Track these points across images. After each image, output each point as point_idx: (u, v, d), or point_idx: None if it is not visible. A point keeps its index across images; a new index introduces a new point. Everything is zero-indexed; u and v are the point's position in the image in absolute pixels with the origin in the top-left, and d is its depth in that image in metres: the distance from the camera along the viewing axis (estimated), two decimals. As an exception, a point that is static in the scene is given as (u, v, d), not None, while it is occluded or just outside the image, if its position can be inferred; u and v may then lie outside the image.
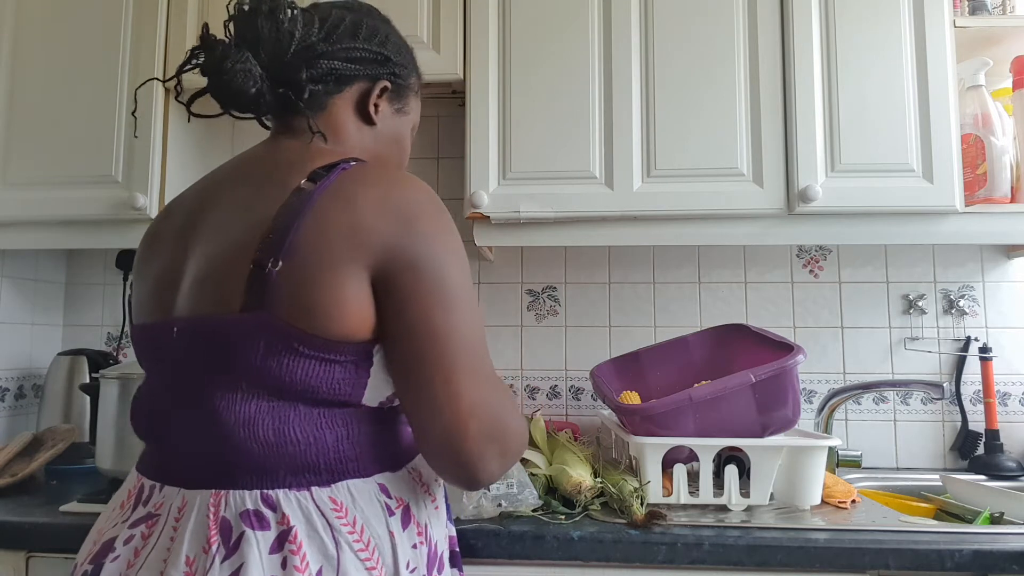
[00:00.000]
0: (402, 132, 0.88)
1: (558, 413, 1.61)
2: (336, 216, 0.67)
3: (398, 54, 0.84)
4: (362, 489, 0.69)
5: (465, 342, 0.68)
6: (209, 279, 0.69)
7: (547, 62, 1.34)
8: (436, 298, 0.68)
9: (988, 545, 0.94)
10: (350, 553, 0.65)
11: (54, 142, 1.36)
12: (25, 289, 1.59)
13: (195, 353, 0.69)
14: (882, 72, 1.28)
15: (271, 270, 0.65)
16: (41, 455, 1.28)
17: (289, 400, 0.67)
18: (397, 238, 0.67)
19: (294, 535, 0.63)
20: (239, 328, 0.66)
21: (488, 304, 1.65)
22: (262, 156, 0.78)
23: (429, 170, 1.69)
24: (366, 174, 0.71)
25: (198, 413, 0.68)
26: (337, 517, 0.66)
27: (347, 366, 0.67)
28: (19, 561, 1.03)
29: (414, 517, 0.73)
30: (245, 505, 0.64)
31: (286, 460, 0.66)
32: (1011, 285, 1.56)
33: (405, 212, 0.68)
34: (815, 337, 1.57)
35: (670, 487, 1.11)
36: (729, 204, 1.28)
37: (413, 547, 0.71)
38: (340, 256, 0.65)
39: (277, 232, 0.66)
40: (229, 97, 0.75)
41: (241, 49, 0.73)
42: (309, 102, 0.77)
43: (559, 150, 1.32)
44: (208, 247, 0.71)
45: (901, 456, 1.54)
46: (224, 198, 0.75)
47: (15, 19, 1.41)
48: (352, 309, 0.66)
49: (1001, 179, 1.34)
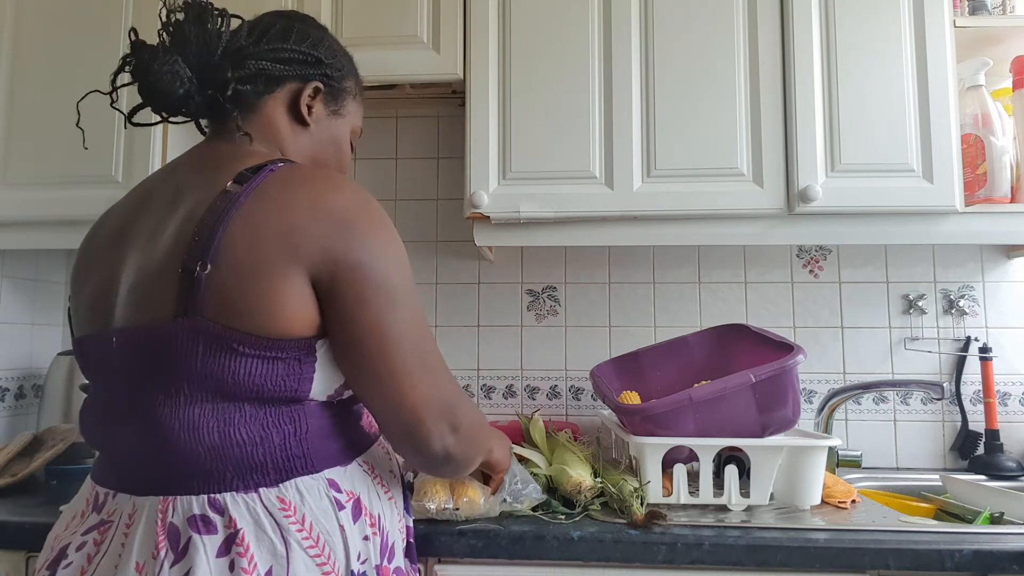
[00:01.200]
0: (339, 134, 0.89)
1: (558, 413, 1.61)
2: (265, 218, 0.67)
3: (331, 57, 0.86)
4: (311, 486, 0.70)
5: (412, 338, 0.72)
6: (142, 287, 0.70)
7: (547, 62, 1.34)
8: (383, 300, 0.70)
9: (988, 545, 0.94)
10: (300, 551, 0.66)
11: (54, 142, 1.36)
12: (25, 289, 1.59)
13: (135, 362, 0.70)
14: (882, 72, 1.28)
15: (200, 274, 0.65)
16: (41, 455, 1.28)
17: (234, 401, 0.68)
18: (335, 242, 0.68)
19: (241, 537, 0.64)
20: (175, 334, 0.66)
21: (488, 304, 1.65)
22: (192, 160, 0.80)
23: (429, 170, 1.69)
24: (295, 176, 0.72)
25: (142, 421, 0.68)
26: (285, 516, 0.67)
27: (290, 362, 0.68)
28: (19, 561, 1.03)
29: (365, 509, 0.74)
30: (192, 510, 0.65)
31: (232, 462, 0.67)
32: (1011, 285, 1.56)
33: (340, 216, 0.69)
34: (815, 337, 1.57)
35: (670, 487, 1.11)
36: (729, 204, 1.28)
37: (364, 539, 0.73)
38: (273, 258, 0.66)
39: (203, 236, 0.67)
40: (157, 99, 0.76)
41: (169, 52, 0.75)
42: (235, 102, 0.78)
43: (559, 150, 1.32)
44: (140, 255, 0.72)
45: (901, 456, 1.54)
46: (154, 205, 0.76)
47: (15, 19, 1.41)
48: (291, 308, 0.67)
49: (1001, 179, 1.34)
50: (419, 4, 1.36)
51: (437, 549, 0.98)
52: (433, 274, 1.66)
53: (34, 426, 1.56)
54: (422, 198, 1.68)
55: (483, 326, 1.64)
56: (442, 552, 0.98)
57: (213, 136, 0.82)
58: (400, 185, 1.69)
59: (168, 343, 0.67)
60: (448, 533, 0.98)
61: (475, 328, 1.64)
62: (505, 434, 1.02)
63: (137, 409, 0.69)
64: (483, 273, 1.66)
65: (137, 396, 0.70)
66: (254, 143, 0.80)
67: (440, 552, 0.98)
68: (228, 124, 0.79)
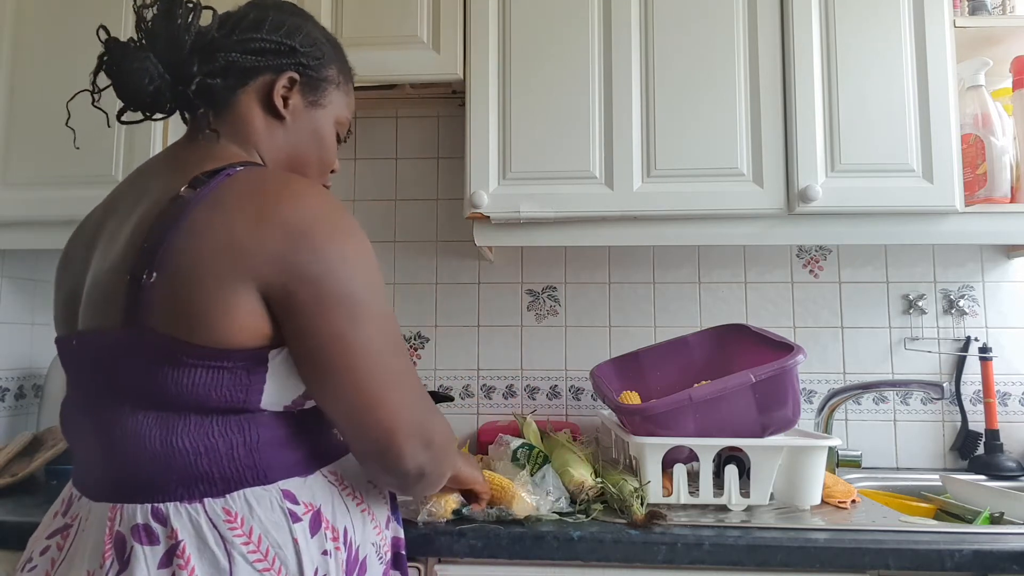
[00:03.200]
0: (320, 126, 0.84)
1: (558, 413, 1.61)
2: (212, 229, 0.65)
3: (308, 45, 0.81)
4: (262, 497, 0.67)
5: (378, 351, 0.68)
6: (98, 292, 0.69)
7: (547, 62, 1.34)
8: (342, 312, 0.66)
9: (988, 545, 0.94)
10: (245, 565, 0.63)
11: (54, 142, 1.36)
12: (25, 289, 1.59)
13: (88, 367, 0.70)
14: (882, 72, 1.28)
15: (145, 282, 0.64)
16: (41, 455, 1.28)
17: (178, 410, 0.66)
18: (287, 254, 0.65)
19: (182, 549, 0.62)
20: (120, 342, 0.66)
21: (488, 304, 1.65)
22: (162, 160, 0.78)
23: (429, 170, 1.69)
24: (251, 181, 0.69)
25: (96, 426, 0.68)
26: (230, 528, 0.64)
27: (236, 372, 0.66)
28: (19, 561, 1.03)
29: (327, 521, 0.71)
30: (135, 519, 0.64)
31: (177, 472, 0.65)
32: (1011, 285, 1.56)
33: (294, 226, 0.66)
34: (815, 337, 1.57)
35: (670, 487, 1.11)
36: (729, 204, 1.28)
37: (323, 553, 0.69)
38: (219, 269, 0.64)
39: (151, 243, 0.65)
40: (129, 96, 0.74)
41: (141, 48, 0.72)
42: (204, 96, 0.75)
43: (559, 150, 1.32)
44: (101, 259, 0.71)
45: (901, 456, 1.54)
46: (120, 206, 0.74)
47: (15, 19, 1.41)
48: (237, 320, 0.64)
49: (1001, 179, 1.34)
50: (419, 4, 1.36)
51: (437, 549, 0.98)
52: (433, 274, 1.66)
53: (34, 426, 1.56)
54: (422, 198, 1.68)
55: (483, 326, 1.64)
56: (442, 552, 0.98)
57: (187, 133, 0.80)
58: (400, 185, 1.69)
59: (114, 350, 0.66)
60: (448, 533, 0.98)
61: (475, 328, 1.64)
62: None
63: (92, 413, 0.69)
64: (483, 273, 1.66)
65: (92, 400, 0.70)
66: (225, 140, 0.76)
67: (440, 552, 0.98)
68: (200, 122, 0.77)
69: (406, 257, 1.67)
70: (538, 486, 1.05)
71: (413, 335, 1.65)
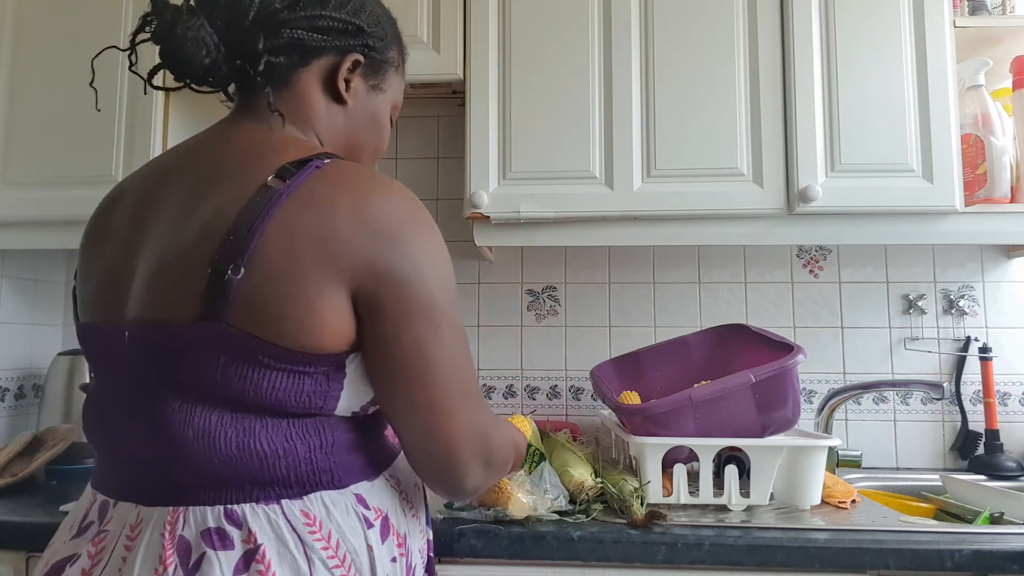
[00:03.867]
0: (379, 111, 0.80)
1: (558, 413, 1.61)
2: (307, 223, 0.61)
3: (374, 24, 0.76)
4: (338, 501, 0.64)
5: (455, 365, 0.66)
6: (162, 280, 0.63)
7: (547, 62, 1.34)
8: (426, 321, 0.64)
9: (988, 545, 0.94)
10: (324, 570, 0.60)
11: (54, 142, 1.36)
12: (25, 289, 1.59)
13: (147, 361, 0.63)
14: (882, 72, 1.28)
15: (232, 277, 0.59)
16: (41, 455, 1.28)
17: (254, 411, 0.62)
18: (378, 254, 0.62)
19: (262, 554, 0.58)
20: (197, 338, 0.60)
21: (488, 304, 1.65)
22: (219, 140, 0.71)
23: (429, 170, 1.69)
24: (340, 178, 0.64)
25: (152, 424, 0.62)
26: (310, 532, 0.61)
27: (317, 378, 0.63)
28: (19, 561, 1.03)
29: (393, 528, 0.69)
30: (207, 523, 0.59)
31: (252, 473, 0.61)
32: (1011, 285, 1.56)
33: (386, 224, 0.63)
34: (815, 337, 1.57)
35: (670, 487, 1.11)
36: (729, 204, 1.28)
37: (392, 560, 0.67)
38: (312, 267, 0.60)
39: (239, 235, 0.60)
40: (179, 67, 0.68)
41: (195, 15, 0.67)
42: (267, 75, 0.70)
43: (559, 150, 1.32)
44: (160, 243, 0.65)
45: (901, 456, 1.54)
46: (178, 188, 0.68)
47: (15, 19, 1.41)
48: (328, 322, 0.61)
49: (1001, 179, 1.34)
50: (419, 4, 1.36)
51: (437, 549, 0.97)
52: (433, 274, 1.66)
53: (34, 426, 1.56)
54: (422, 198, 1.64)
55: (483, 326, 1.64)
56: (442, 552, 0.98)
57: (239, 112, 0.74)
58: (400, 185, 1.69)
59: (187, 345, 0.61)
60: (448, 533, 0.98)
61: (475, 328, 1.64)
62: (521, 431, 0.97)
63: (146, 411, 0.63)
64: (483, 273, 1.66)
65: (147, 397, 0.63)
66: (287, 124, 0.72)
67: (440, 552, 0.98)
68: (257, 100, 0.71)
69: (406, 257, 1.67)
70: (536, 485, 1.05)
71: (413, 335, 1.65)
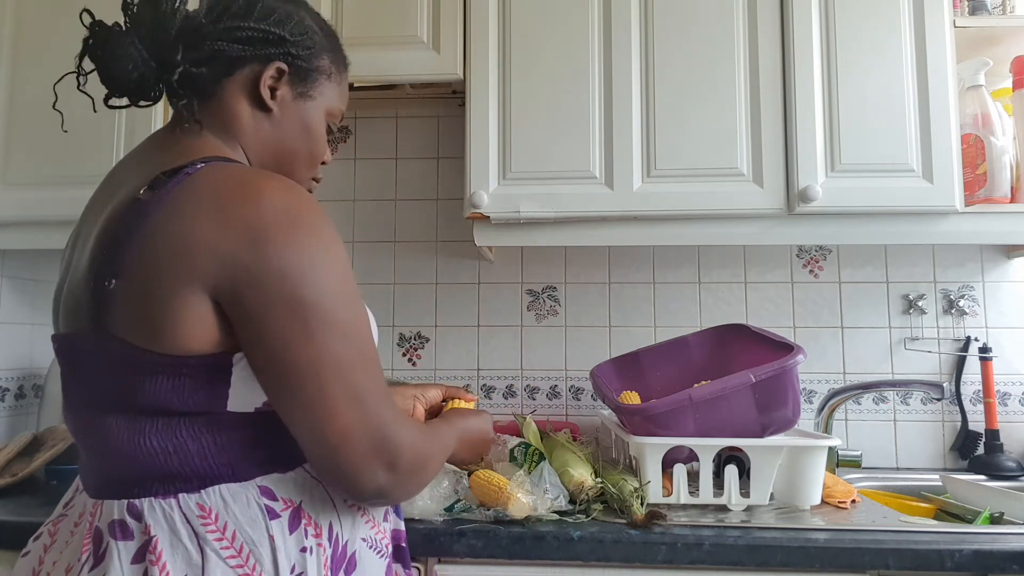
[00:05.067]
0: (309, 119, 0.81)
1: (558, 413, 1.61)
2: (167, 233, 0.63)
3: (300, 34, 0.77)
4: (238, 493, 0.66)
5: (334, 363, 0.64)
6: (71, 295, 0.69)
7: (547, 62, 1.34)
8: (293, 320, 0.63)
9: (988, 545, 0.94)
10: (218, 561, 0.63)
11: (54, 142, 1.36)
12: (25, 289, 1.59)
13: (67, 370, 0.71)
14: (882, 72, 1.28)
15: (107, 287, 0.64)
16: (41, 455, 1.28)
17: (145, 413, 0.65)
18: (238, 255, 0.62)
19: (154, 545, 0.63)
20: (87, 347, 0.66)
21: (488, 304, 1.65)
22: (136, 154, 0.77)
23: (429, 170, 1.69)
24: (208, 182, 0.65)
25: (79, 426, 0.70)
26: (204, 524, 0.64)
27: (197, 379, 0.64)
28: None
29: (309, 518, 0.69)
30: (112, 515, 0.65)
31: (149, 470, 0.65)
32: (1011, 285, 1.56)
33: (250, 224, 0.63)
34: (815, 337, 1.57)
35: (670, 487, 1.11)
36: (729, 204, 1.28)
37: (302, 550, 0.67)
38: (172, 275, 0.62)
39: (110, 249, 0.65)
40: (112, 83, 0.72)
41: (126, 33, 0.71)
42: (189, 86, 0.73)
43: (559, 150, 1.32)
44: (76, 261, 0.71)
45: (901, 456, 1.54)
46: (96, 204, 0.74)
47: (15, 19, 1.41)
48: (189, 325, 0.63)
49: (1001, 179, 1.34)
50: (419, 4, 1.36)
51: (437, 549, 0.98)
52: (433, 274, 1.66)
53: (34, 426, 1.55)
54: (422, 198, 1.68)
55: (483, 326, 1.64)
56: (442, 552, 0.98)
57: (170, 123, 0.77)
58: (400, 185, 1.69)
59: (84, 354, 0.67)
60: (448, 533, 0.98)
61: (475, 328, 1.64)
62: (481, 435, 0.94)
63: (75, 413, 0.71)
64: (483, 273, 1.65)
65: (73, 400, 0.71)
66: (208, 132, 0.74)
67: (440, 552, 0.98)
68: (183, 111, 0.74)
69: (406, 257, 1.67)
70: (536, 485, 1.05)
71: (413, 335, 1.65)
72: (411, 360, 1.65)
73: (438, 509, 1.03)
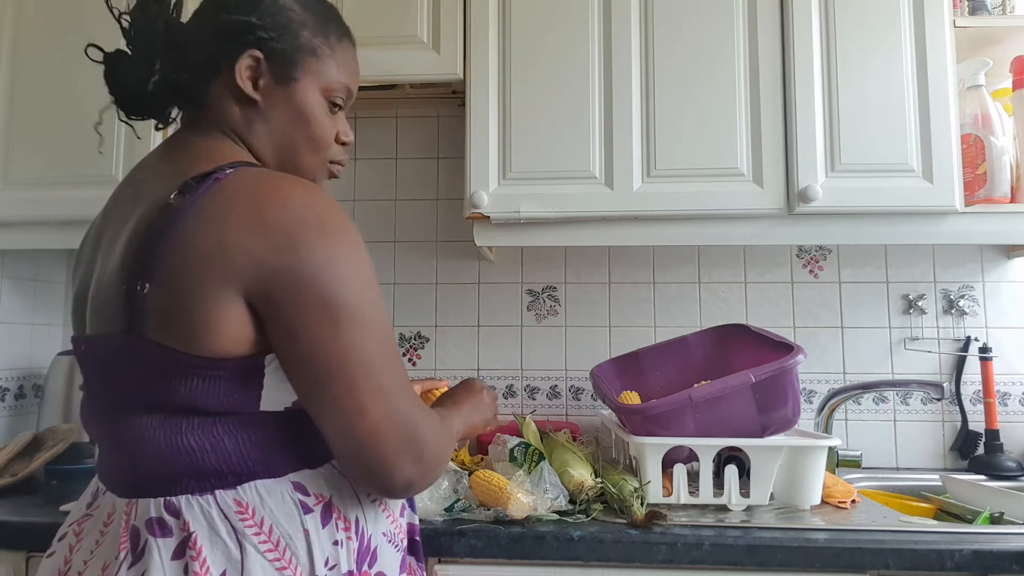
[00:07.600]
0: (301, 101, 0.77)
1: (558, 413, 1.61)
2: (202, 236, 0.64)
3: (267, 16, 0.75)
4: (272, 489, 0.68)
5: (362, 360, 0.66)
6: (101, 298, 0.70)
7: (547, 62, 1.34)
8: (323, 320, 0.65)
9: (988, 545, 0.94)
10: (256, 555, 0.64)
11: (54, 142, 1.36)
12: (25, 289, 1.59)
13: (97, 372, 0.71)
14: (882, 72, 1.28)
15: (140, 292, 0.65)
16: (41, 455, 1.28)
17: (181, 413, 0.66)
18: (270, 257, 0.64)
19: (194, 541, 0.64)
20: (120, 350, 0.67)
21: (488, 304, 1.65)
22: (156, 158, 0.77)
23: (429, 170, 1.69)
24: (238, 187, 0.67)
25: (110, 428, 0.70)
26: (241, 519, 0.65)
27: (232, 380, 0.66)
28: (19, 561, 1.03)
29: (338, 512, 0.71)
30: (149, 513, 0.65)
31: (186, 468, 0.66)
32: (1011, 285, 1.56)
33: (281, 227, 0.64)
34: (815, 337, 1.57)
35: (670, 487, 1.11)
36: (729, 204, 1.28)
37: (335, 544, 0.70)
38: (205, 278, 0.63)
39: (143, 253, 0.65)
40: (126, 105, 0.75)
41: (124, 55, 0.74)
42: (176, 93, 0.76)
43: (559, 150, 1.32)
44: (103, 264, 0.72)
45: (901, 456, 1.54)
46: (117, 208, 0.75)
47: (15, 19, 1.41)
48: (224, 327, 0.64)
49: (1001, 179, 1.34)
50: (419, 4, 1.36)
51: (437, 549, 0.98)
52: (433, 274, 1.66)
53: (34, 426, 1.55)
54: (422, 198, 1.68)
55: (483, 326, 1.64)
56: (442, 552, 0.98)
57: (179, 129, 0.79)
58: (400, 185, 1.69)
59: (116, 357, 0.68)
60: (448, 533, 0.98)
61: (475, 328, 1.64)
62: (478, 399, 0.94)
63: (103, 415, 0.71)
64: (483, 273, 1.66)
65: (104, 404, 0.71)
66: (213, 136, 0.75)
67: (440, 552, 0.98)
68: (187, 117, 0.77)
69: (406, 257, 1.67)
70: (536, 485, 1.05)
71: (413, 335, 1.65)
72: (411, 360, 1.65)
73: (438, 509, 1.03)
